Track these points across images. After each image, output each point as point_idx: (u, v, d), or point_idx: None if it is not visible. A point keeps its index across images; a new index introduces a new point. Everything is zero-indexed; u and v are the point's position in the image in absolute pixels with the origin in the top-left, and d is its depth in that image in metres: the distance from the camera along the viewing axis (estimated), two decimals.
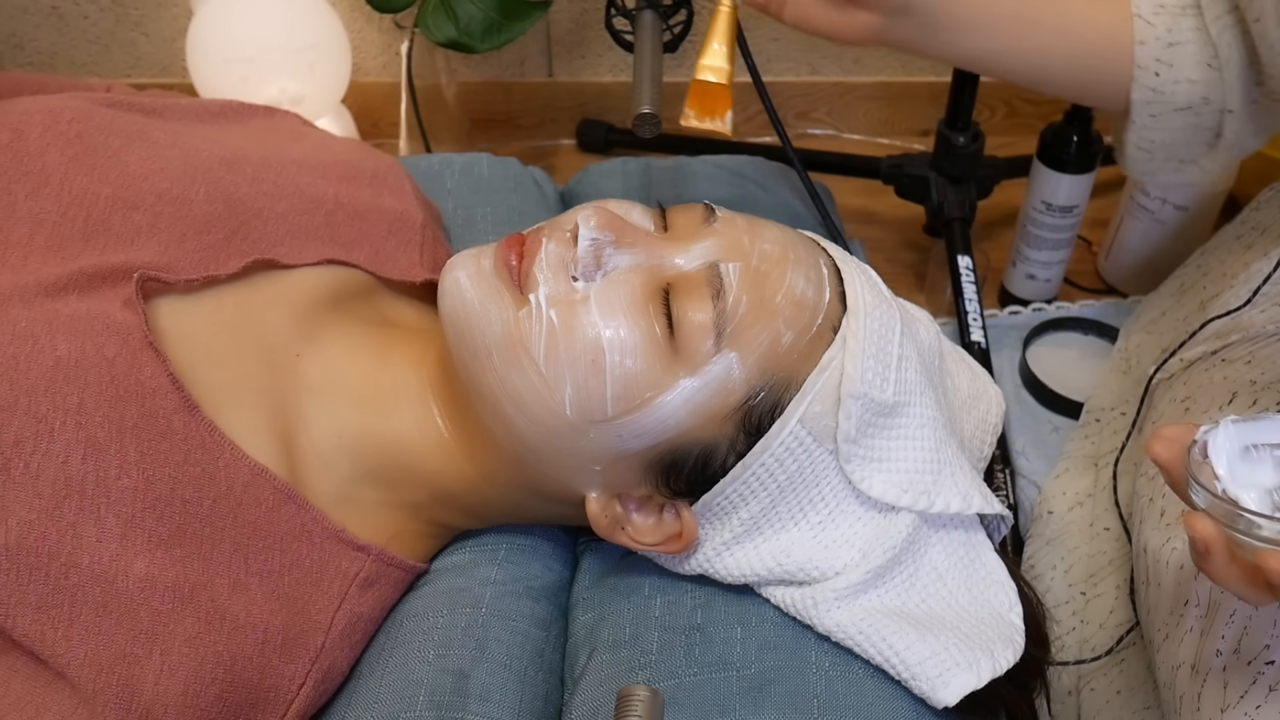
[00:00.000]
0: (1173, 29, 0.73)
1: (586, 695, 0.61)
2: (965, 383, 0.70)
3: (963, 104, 1.18)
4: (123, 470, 0.53)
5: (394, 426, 0.64)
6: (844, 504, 0.60)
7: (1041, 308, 1.22)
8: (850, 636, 0.59)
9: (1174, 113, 0.75)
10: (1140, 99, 0.75)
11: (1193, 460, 0.49)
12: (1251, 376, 0.76)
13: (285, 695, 0.57)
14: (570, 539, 0.73)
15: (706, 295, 0.57)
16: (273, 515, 0.58)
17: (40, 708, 0.51)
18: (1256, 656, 0.60)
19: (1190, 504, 0.50)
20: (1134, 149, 0.79)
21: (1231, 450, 0.49)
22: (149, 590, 0.53)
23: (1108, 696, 0.78)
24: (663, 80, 0.82)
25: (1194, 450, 0.49)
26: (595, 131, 1.51)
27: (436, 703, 0.59)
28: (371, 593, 0.62)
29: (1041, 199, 1.15)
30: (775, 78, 1.50)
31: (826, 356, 0.59)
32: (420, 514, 0.66)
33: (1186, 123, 0.76)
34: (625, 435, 0.57)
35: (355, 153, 0.80)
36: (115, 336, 0.56)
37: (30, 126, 0.65)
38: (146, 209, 0.64)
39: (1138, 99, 0.75)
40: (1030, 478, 1.00)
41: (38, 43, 1.45)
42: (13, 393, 0.53)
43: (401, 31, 1.26)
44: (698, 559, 0.63)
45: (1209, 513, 0.48)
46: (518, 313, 0.58)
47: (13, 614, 0.50)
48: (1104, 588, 0.85)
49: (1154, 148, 0.78)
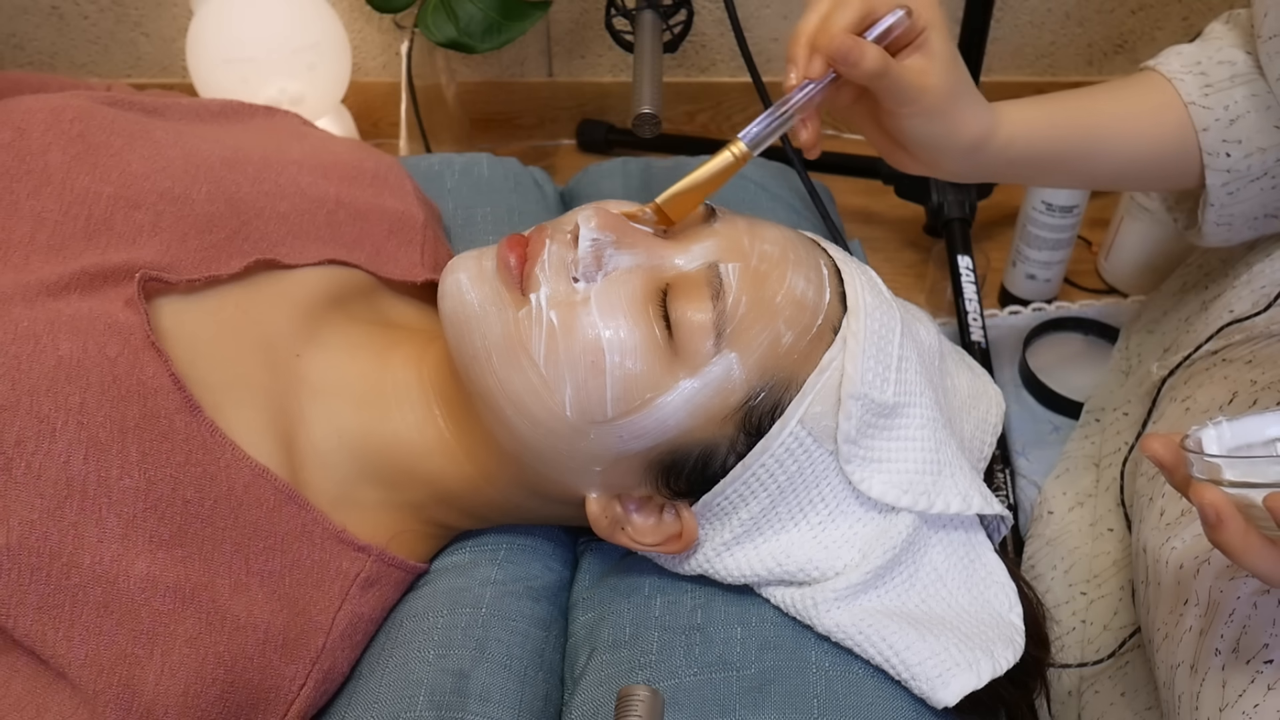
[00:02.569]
0: (1229, 106, 0.72)
1: (586, 695, 0.61)
2: (965, 383, 0.70)
3: None
4: (124, 470, 0.53)
5: (394, 427, 0.64)
6: (844, 504, 0.60)
7: (1041, 308, 1.22)
8: (850, 637, 0.59)
9: (1250, 183, 0.74)
10: (1215, 183, 0.74)
11: (1188, 444, 0.50)
12: (1252, 376, 0.76)
13: (286, 696, 0.57)
14: (570, 539, 0.73)
15: (706, 296, 0.57)
16: (273, 516, 0.58)
17: (41, 708, 0.51)
18: (1255, 655, 0.60)
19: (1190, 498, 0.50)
20: (1213, 226, 0.78)
21: (1223, 438, 0.49)
22: (150, 591, 0.53)
23: (1111, 699, 0.78)
24: (663, 80, 0.82)
25: (1188, 441, 0.50)
26: (595, 131, 1.51)
27: (436, 703, 0.59)
28: (372, 593, 0.62)
29: (1041, 199, 1.15)
30: (775, 78, 1.50)
31: (827, 357, 0.59)
32: (420, 514, 0.66)
33: (1264, 187, 0.75)
34: (625, 436, 0.57)
35: (356, 153, 0.80)
36: (117, 336, 0.56)
37: (32, 125, 0.65)
38: (148, 208, 0.64)
39: (1213, 183, 0.74)
40: (1030, 478, 1.00)
41: (38, 43, 1.45)
42: (14, 392, 0.53)
43: (401, 31, 1.27)
44: (698, 559, 0.63)
45: (1212, 481, 0.48)
46: (517, 313, 0.58)
47: (14, 614, 0.50)
48: (1108, 589, 0.85)
49: (1234, 219, 0.77)
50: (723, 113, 1.53)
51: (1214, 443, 0.49)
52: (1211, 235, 0.79)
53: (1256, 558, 0.48)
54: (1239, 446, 0.49)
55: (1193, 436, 0.50)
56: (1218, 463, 0.48)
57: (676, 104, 1.53)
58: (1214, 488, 0.48)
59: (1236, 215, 0.77)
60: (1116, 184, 0.76)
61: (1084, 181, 0.75)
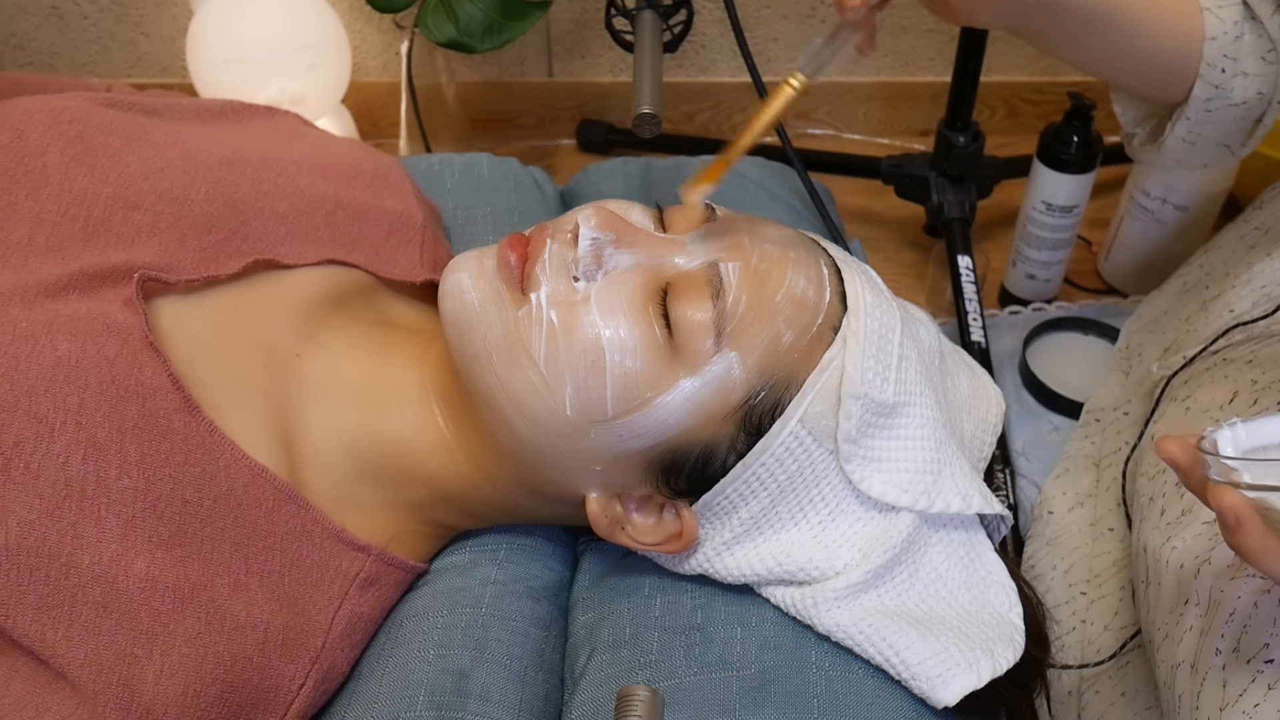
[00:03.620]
0: (1239, 21, 0.74)
1: (586, 695, 0.61)
2: (965, 383, 0.70)
3: (963, 104, 1.18)
4: (123, 470, 0.53)
5: (394, 427, 0.64)
6: (844, 504, 0.60)
7: (1041, 308, 1.22)
8: (850, 636, 0.59)
9: (1229, 107, 0.76)
10: (1201, 95, 0.76)
11: (1205, 446, 0.49)
12: (1253, 376, 0.76)
13: (285, 695, 0.57)
14: (570, 539, 0.73)
15: (706, 295, 0.57)
16: (273, 515, 0.58)
17: (40, 708, 0.51)
18: (1256, 655, 0.60)
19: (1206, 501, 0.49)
20: (1178, 140, 0.79)
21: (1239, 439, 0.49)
22: (149, 590, 0.53)
23: (1111, 699, 0.78)
24: (663, 80, 0.82)
25: (1204, 443, 0.49)
26: (595, 131, 1.51)
27: (436, 703, 0.59)
28: (372, 593, 0.62)
29: (1041, 199, 1.15)
30: (775, 78, 1.50)
31: (827, 356, 0.59)
32: (420, 514, 0.66)
33: (1237, 115, 0.77)
34: (625, 435, 0.57)
35: (355, 153, 0.80)
36: (116, 337, 0.56)
37: (30, 126, 0.65)
38: (147, 209, 0.64)
39: (1199, 94, 0.76)
40: (1030, 478, 1.00)
41: (38, 43, 1.45)
42: (13, 393, 0.53)
43: (401, 31, 1.27)
44: (698, 559, 0.63)
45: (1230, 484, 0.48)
46: (517, 313, 0.58)
47: (13, 614, 0.50)
48: (1108, 589, 0.85)
49: (1200, 140, 0.79)
50: (723, 113, 1.53)
51: (1229, 445, 0.49)
52: (1172, 151, 0.81)
53: (1275, 560, 0.48)
54: (1254, 449, 0.49)
55: (1208, 438, 0.49)
56: (1235, 465, 0.48)
57: (676, 104, 1.53)
58: (1233, 490, 0.47)
59: (1204, 137, 0.79)
60: (1116, 71, 0.78)
61: (1091, 57, 0.77)
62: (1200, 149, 0.81)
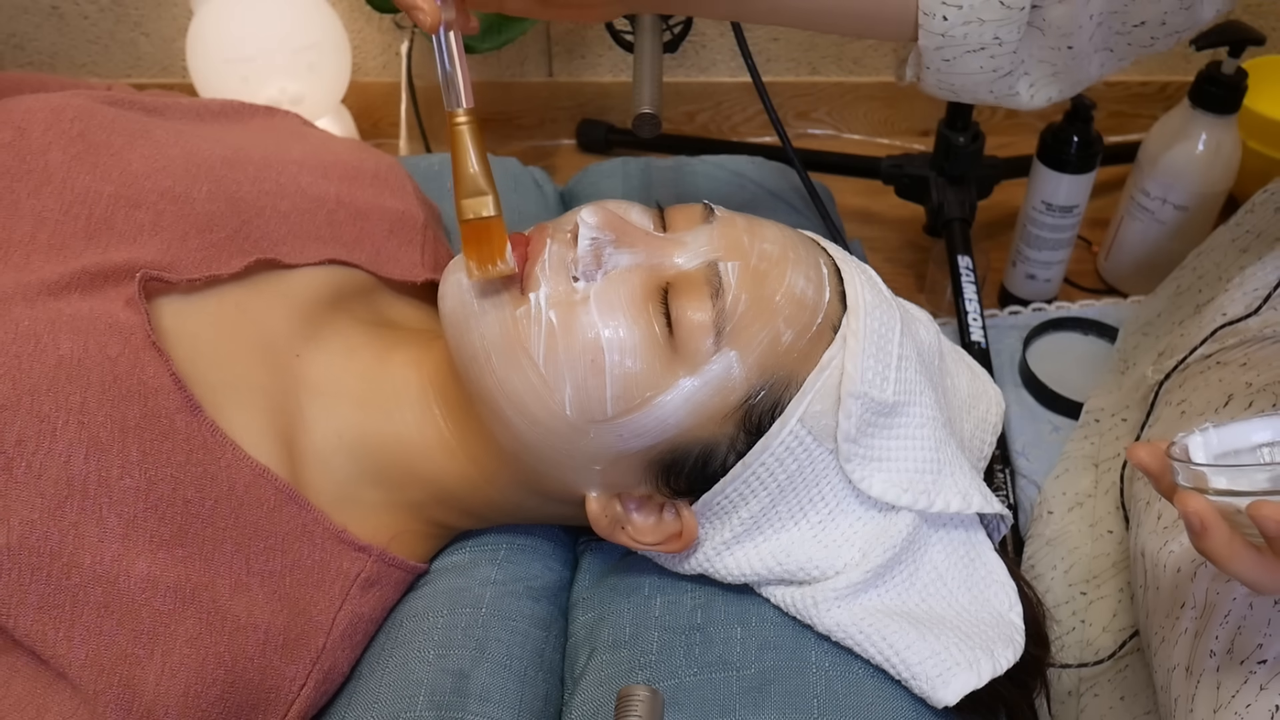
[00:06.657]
0: None
1: (586, 695, 0.62)
2: (965, 383, 0.70)
3: (963, 104, 1.18)
4: (125, 470, 0.53)
5: (395, 427, 0.64)
6: (844, 503, 0.60)
7: (1041, 308, 1.22)
8: (850, 636, 0.59)
9: (968, 54, 0.68)
10: (929, 45, 0.68)
11: (1174, 452, 0.50)
12: (1247, 379, 0.76)
13: (286, 696, 0.57)
14: (570, 539, 0.73)
15: (705, 294, 0.57)
16: (274, 516, 0.58)
17: (41, 708, 0.51)
18: (1249, 655, 0.60)
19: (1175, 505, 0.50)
20: (934, 87, 0.72)
21: (1209, 445, 0.49)
22: (150, 591, 0.53)
23: (1111, 702, 0.78)
24: (663, 80, 0.82)
25: (1173, 449, 0.50)
26: (595, 131, 1.51)
27: (436, 703, 0.59)
28: (372, 593, 0.62)
29: (1041, 199, 1.15)
30: (775, 78, 1.50)
31: (826, 356, 0.59)
32: (421, 514, 0.66)
33: (983, 64, 0.69)
34: (625, 435, 0.57)
35: (356, 153, 0.80)
36: (118, 336, 0.56)
37: (33, 124, 0.65)
38: (149, 207, 0.64)
39: (926, 45, 0.68)
40: (1030, 478, 1.00)
41: (38, 43, 1.45)
42: (15, 392, 0.53)
43: (401, 31, 1.27)
44: (698, 558, 0.63)
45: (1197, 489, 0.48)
46: (516, 313, 0.58)
47: (14, 614, 0.50)
48: (1107, 590, 0.85)
49: (958, 89, 0.72)
50: (723, 113, 1.54)
51: (1200, 449, 0.49)
52: (937, 93, 0.73)
53: (1242, 564, 0.48)
54: (1225, 453, 0.49)
55: (1179, 444, 0.50)
56: (1203, 470, 0.48)
57: (676, 104, 1.53)
58: (1198, 496, 0.48)
59: (960, 87, 0.71)
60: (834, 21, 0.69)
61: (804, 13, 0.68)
62: (972, 93, 0.72)
